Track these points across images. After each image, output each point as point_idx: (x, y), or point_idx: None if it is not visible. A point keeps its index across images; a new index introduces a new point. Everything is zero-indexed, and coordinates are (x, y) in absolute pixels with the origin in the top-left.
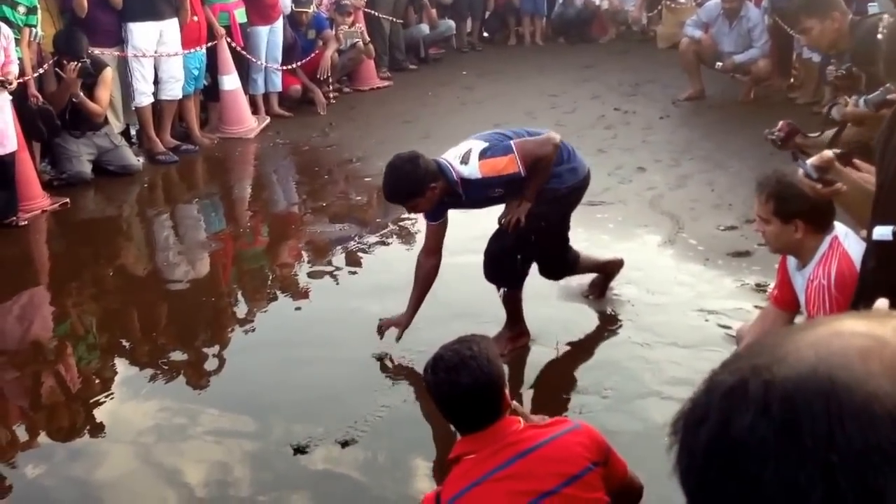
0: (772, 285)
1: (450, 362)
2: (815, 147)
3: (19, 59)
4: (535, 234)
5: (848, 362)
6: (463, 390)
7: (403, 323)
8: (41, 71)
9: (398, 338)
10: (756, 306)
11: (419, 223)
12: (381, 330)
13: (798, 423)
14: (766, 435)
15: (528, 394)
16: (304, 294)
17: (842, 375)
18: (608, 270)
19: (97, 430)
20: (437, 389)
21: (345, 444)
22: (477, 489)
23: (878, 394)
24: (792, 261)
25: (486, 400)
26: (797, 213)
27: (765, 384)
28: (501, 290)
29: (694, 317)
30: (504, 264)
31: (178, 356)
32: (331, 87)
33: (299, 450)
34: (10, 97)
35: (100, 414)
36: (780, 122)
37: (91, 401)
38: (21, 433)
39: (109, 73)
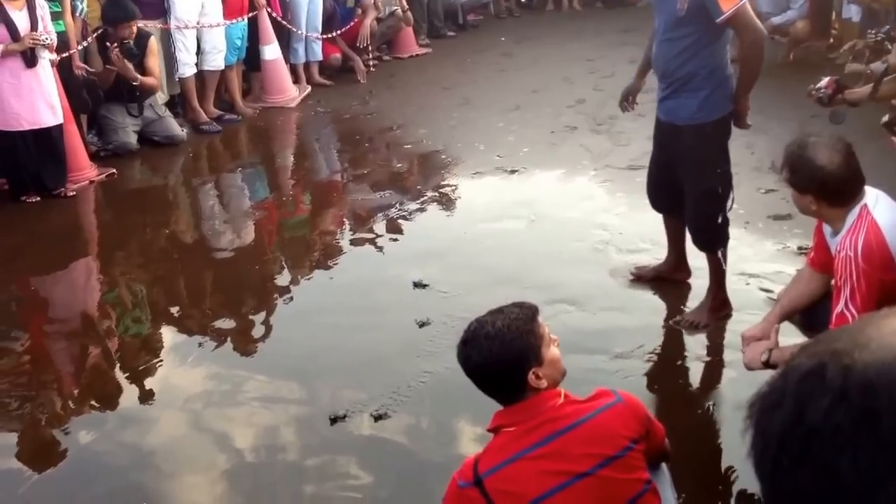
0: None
1: (466, 335)
2: (859, 101)
3: (60, 32)
4: (722, 185)
5: None
6: (472, 366)
7: None
8: (85, 44)
9: None
10: (798, 270)
11: (459, 190)
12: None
13: (878, 412)
14: (843, 422)
15: (569, 358)
16: (347, 261)
17: None
18: (677, 271)
19: (147, 396)
20: (458, 359)
21: (388, 411)
22: (511, 466)
23: None
24: (827, 226)
25: (499, 378)
26: (806, 189)
27: (844, 369)
28: (719, 251)
29: (735, 280)
30: (716, 228)
31: (224, 323)
32: (370, 56)
33: (336, 419)
34: (55, 62)
35: (149, 381)
36: (826, 79)
37: (140, 368)
38: (73, 400)
39: (155, 42)
